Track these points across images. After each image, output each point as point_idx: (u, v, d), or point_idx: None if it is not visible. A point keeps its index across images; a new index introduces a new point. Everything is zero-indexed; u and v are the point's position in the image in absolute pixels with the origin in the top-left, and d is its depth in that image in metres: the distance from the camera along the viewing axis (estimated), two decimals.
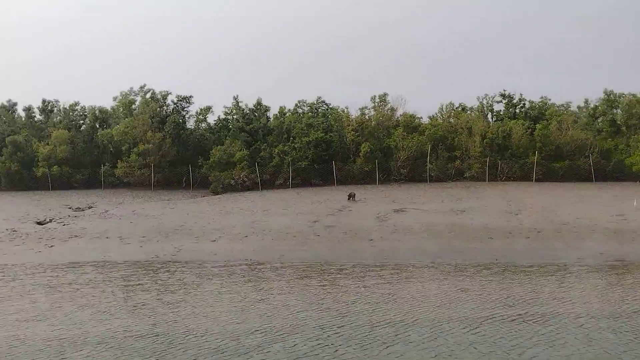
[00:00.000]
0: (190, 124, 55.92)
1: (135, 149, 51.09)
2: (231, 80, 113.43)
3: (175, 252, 21.16)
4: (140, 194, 45.94)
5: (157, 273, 17.70)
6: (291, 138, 50.89)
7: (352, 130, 50.51)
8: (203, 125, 56.05)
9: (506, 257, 19.08)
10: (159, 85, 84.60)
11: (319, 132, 49.74)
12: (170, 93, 56.07)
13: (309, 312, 12.80)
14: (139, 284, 16.17)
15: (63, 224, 28.13)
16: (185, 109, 56.45)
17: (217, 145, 51.12)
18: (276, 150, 49.45)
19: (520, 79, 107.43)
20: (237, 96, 57.91)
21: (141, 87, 56.31)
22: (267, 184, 48.76)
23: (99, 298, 14.38)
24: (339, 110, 56.14)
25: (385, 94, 56.53)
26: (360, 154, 49.05)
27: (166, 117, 54.69)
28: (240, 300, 14.06)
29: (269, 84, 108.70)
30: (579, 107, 58.43)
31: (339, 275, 16.84)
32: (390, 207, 32.34)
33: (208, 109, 55.47)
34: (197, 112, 55.94)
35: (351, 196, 36.42)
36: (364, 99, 79.43)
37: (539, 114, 54.44)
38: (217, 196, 43.28)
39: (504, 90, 57.79)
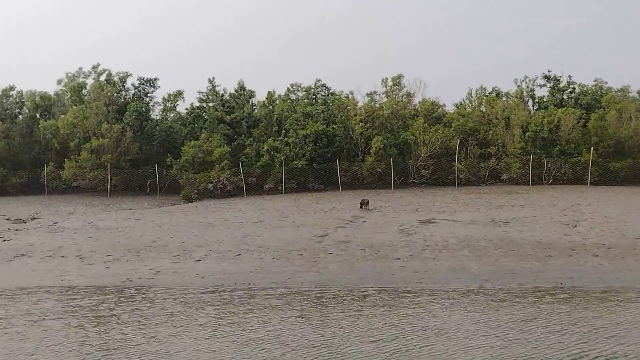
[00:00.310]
0: (156, 113, 55.64)
1: (86, 145, 50.89)
2: (206, 63, 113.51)
3: (152, 275, 20.93)
4: (95, 202, 45.71)
5: (133, 301, 17.38)
6: (283, 131, 50.54)
7: (361, 121, 50.07)
8: (172, 115, 55.48)
9: (572, 280, 18.90)
10: (115, 67, 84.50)
11: (318, 124, 49.36)
12: (131, 75, 55.74)
13: (331, 350, 12.55)
14: (112, 315, 15.85)
15: (2, 239, 27.76)
16: (149, 94, 56.26)
17: (191, 140, 50.76)
18: (265, 147, 49.18)
19: (565, 58, 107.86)
20: (214, 78, 57.49)
21: (93, 67, 56.35)
22: (254, 189, 48.70)
23: (65, 334, 14.03)
24: (342, 97, 55.67)
25: (399, 76, 56.61)
26: (371, 151, 48.81)
27: (126, 105, 54.30)
28: (243, 334, 13.79)
29: (252, 68, 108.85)
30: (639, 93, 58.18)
31: (364, 303, 16.57)
32: (414, 217, 32.24)
33: (179, 95, 55.38)
34: (164, 99, 55.50)
35: (364, 204, 36.34)
36: (369, 87, 79.36)
37: (592, 101, 54.38)
38: (192, 204, 43.07)
39: (549, 72, 57.68)
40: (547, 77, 59.65)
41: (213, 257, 23.29)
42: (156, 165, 50.74)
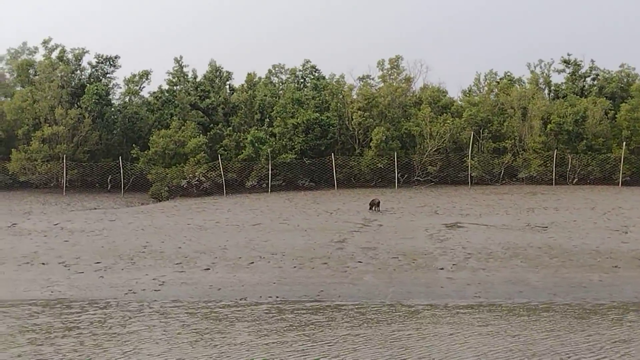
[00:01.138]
0: (116, 97, 54.72)
1: (37, 133, 49.79)
2: (175, 41, 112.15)
3: (158, 286, 20.50)
4: (50, 200, 45.00)
5: (144, 316, 16.96)
6: (267, 119, 50.00)
7: (359, 108, 49.77)
8: (135, 99, 54.58)
9: None
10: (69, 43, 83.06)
11: (309, 111, 48.89)
12: (88, 52, 54.83)
13: None
14: (130, 332, 15.40)
15: None
16: (108, 74, 55.27)
17: (160, 129, 50.00)
18: (248, 137, 48.58)
19: (584, 42, 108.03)
20: (181, 58, 56.87)
21: (44, 43, 55.01)
22: (234, 186, 48.25)
23: (87, 355, 13.59)
24: (333, 81, 55.35)
25: (398, 57, 56.46)
26: (372, 144, 48.48)
27: (81, 87, 53.46)
28: (300, 356, 13.50)
29: (227, 47, 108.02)
30: None
31: (422, 320, 16.34)
32: (436, 220, 32.20)
33: (144, 75, 54.50)
34: (127, 80, 54.65)
35: (374, 205, 36.16)
36: (364, 70, 79.03)
37: (617, 90, 54.26)
38: (170, 203, 42.59)
39: (568, 55, 57.78)
40: (566, 62, 59.80)
41: (222, 266, 22.88)
42: (120, 158, 49.74)
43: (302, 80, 57.00)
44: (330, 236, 28.05)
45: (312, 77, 57.48)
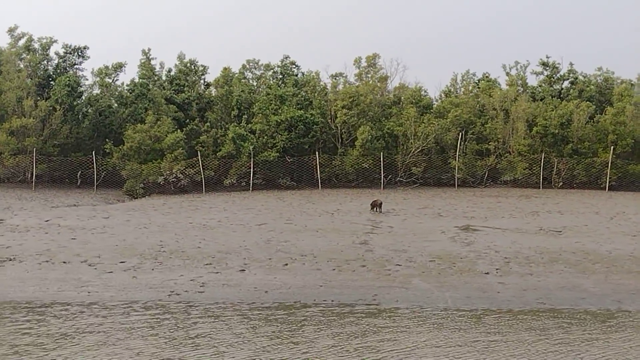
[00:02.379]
0: (84, 89, 53.33)
1: (5, 125, 48.23)
2: (145, 38, 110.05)
3: (199, 287, 19.83)
4: (24, 195, 43.76)
5: (204, 318, 16.47)
6: (244, 115, 49.24)
7: (343, 107, 49.35)
8: (108, 92, 53.38)
9: None
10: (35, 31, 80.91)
11: (293, 109, 48.34)
12: (56, 41, 53.42)
13: None
14: (204, 335, 14.84)
15: None
16: (76, 66, 53.93)
17: (134, 124, 48.93)
18: (230, 134, 47.80)
19: (561, 44, 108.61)
20: (149, 50, 55.91)
21: (9, 30, 53.42)
22: (212, 184, 47.57)
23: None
24: (313, 75, 54.96)
25: (375, 55, 56.14)
26: (357, 143, 48.09)
27: (47, 78, 52.10)
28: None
29: (195, 38, 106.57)
30: None
31: (492, 327, 16.04)
32: (445, 223, 32.12)
33: (119, 67, 53.26)
34: (99, 72, 53.38)
35: (376, 205, 35.83)
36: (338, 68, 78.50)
37: (597, 94, 54.63)
38: (158, 201, 41.74)
39: (547, 57, 58.17)
40: (544, 64, 60.07)
41: (256, 267, 22.37)
42: (93, 153, 48.51)
43: (280, 77, 55.92)
44: (347, 238, 27.54)
45: (292, 73, 56.43)
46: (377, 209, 35.32)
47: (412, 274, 21.58)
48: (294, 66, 57.25)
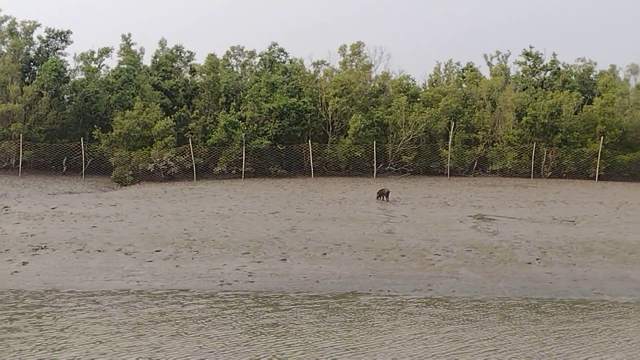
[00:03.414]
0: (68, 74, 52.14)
1: None
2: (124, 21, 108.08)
3: (247, 277, 19.42)
4: (13, 181, 42.90)
5: (277, 308, 16.13)
6: (232, 103, 48.60)
7: (335, 95, 48.98)
8: (91, 78, 52.41)
9: None
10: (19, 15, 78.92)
11: (285, 96, 47.83)
12: (40, 25, 52.35)
13: None
14: (289, 324, 14.49)
15: None
16: (59, 50, 52.86)
17: (122, 110, 48.07)
18: (221, 122, 47.20)
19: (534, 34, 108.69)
20: (129, 35, 55.11)
21: None
22: (202, 172, 47.17)
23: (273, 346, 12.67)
24: (298, 62, 54.53)
25: (360, 43, 55.93)
26: (349, 131, 47.79)
27: (31, 63, 51.04)
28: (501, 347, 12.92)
29: (174, 23, 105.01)
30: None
31: (560, 317, 15.96)
32: (457, 212, 32.05)
33: (105, 52, 52.36)
34: (82, 56, 52.43)
35: (383, 194, 35.60)
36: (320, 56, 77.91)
37: (579, 84, 54.77)
38: (157, 188, 40.96)
39: (530, 48, 58.29)
40: (527, 54, 60.22)
41: (296, 257, 22.03)
42: (82, 139, 47.59)
43: (269, 64, 55.31)
44: (369, 227, 27.29)
45: (280, 61, 55.89)
46: (384, 198, 35.09)
47: (456, 264, 21.26)
48: (282, 53, 56.40)
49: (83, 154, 47.31)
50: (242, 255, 21.71)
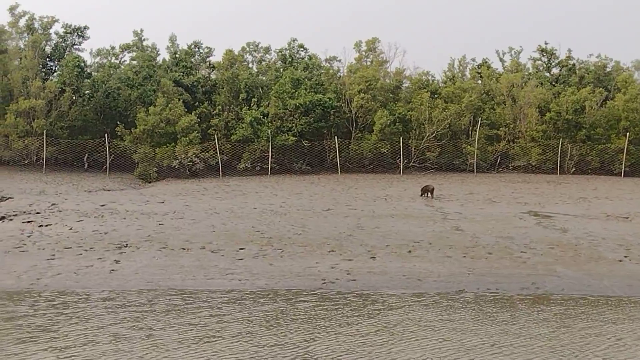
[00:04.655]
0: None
1: (12, 107, 46.38)
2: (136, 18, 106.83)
3: (346, 275, 19.03)
4: (41, 178, 42.21)
5: (393, 306, 15.79)
6: (253, 99, 48.07)
7: (360, 91, 48.59)
8: (113, 74, 51.78)
9: None
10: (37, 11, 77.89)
11: (312, 93, 47.37)
12: (57, 20, 51.63)
13: None
14: (442, 322, 14.12)
15: (41, 224, 24.95)
16: (76, 46, 52.19)
17: (144, 106, 47.46)
18: (246, 118, 46.68)
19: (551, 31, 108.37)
20: (142, 31, 54.56)
21: (10, 9, 51.35)
22: (226, 168, 46.61)
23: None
24: (319, 58, 54.17)
25: (375, 39, 55.67)
26: (375, 128, 47.44)
27: (48, 58, 50.33)
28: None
29: (187, 20, 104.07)
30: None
31: None
32: (511, 209, 31.53)
33: (127, 48, 51.76)
34: (99, 52, 51.85)
35: (427, 191, 35.21)
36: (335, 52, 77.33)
37: (595, 80, 54.60)
38: (189, 186, 40.39)
39: (546, 44, 58.09)
40: (543, 51, 60.01)
41: (383, 254, 21.72)
42: (106, 136, 46.96)
43: (289, 60, 54.83)
44: (432, 224, 27.03)
45: (299, 55, 55.44)
46: (429, 195, 34.63)
47: (547, 262, 20.95)
48: (302, 49, 55.87)
49: (107, 150, 46.34)
50: (329, 254, 21.28)
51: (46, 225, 25.00)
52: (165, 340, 12.96)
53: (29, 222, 25.63)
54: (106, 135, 46.88)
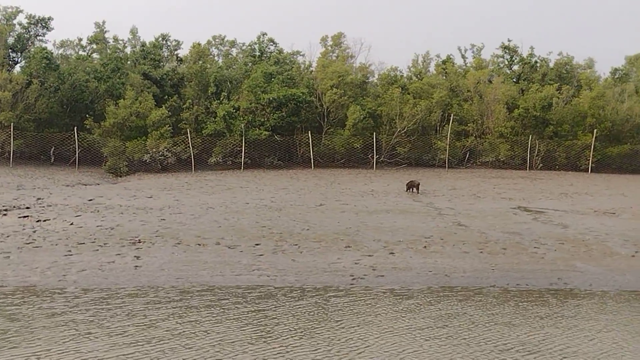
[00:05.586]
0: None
1: None
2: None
3: (372, 271, 18.91)
4: (12, 171, 41.23)
5: (430, 302, 15.67)
6: (222, 92, 47.57)
7: (332, 86, 48.41)
8: (79, 66, 50.73)
9: None
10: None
11: (285, 87, 47.02)
12: (22, 11, 50.43)
13: None
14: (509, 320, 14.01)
15: (45, 219, 24.25)
16: (39, 37, 51.09)
17: (112, 99, 46.65)
18: (219, 112, 46.18)
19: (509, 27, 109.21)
20: (103, 23, 53.71)
21: None
22: (197, 163, 45.89)
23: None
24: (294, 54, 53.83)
25: (341, 34, 55.58)
26: (348, 123, 47.30)
27: (13, 49, 49.20)
28: None
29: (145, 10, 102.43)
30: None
31: None
32: (499, 205, 31.68)
33: (95, 40, 50.63)
34: (66, 43, 50.80)
35: (413, 186, 35.20)
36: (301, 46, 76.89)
37: (557, 77, 55.26)
38: (175, 181, 39.75)
39: (509, 41, 58.55)
40: (506, 48, 60.48)
41: (400, 250, 21.51)
42: (75, 129, 46.03)
43: (259, 54, 54.37)
44: (431, 220, 26.91)
45: (269, 50, 55.03)
46: (415, 190, 34.61)
47: (565, 257, 21.02)
48: (272, 43, 55.45)
49: (76, 144, 45.42)
50: (346, 249, 21.03)
51: (44, 221, 24.11)
52: (225, 336, 12.70)
53: (25, 217, 24.59)
54: (75, 128, 45.57)
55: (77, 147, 45.81)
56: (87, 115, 46.73)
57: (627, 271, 19.52)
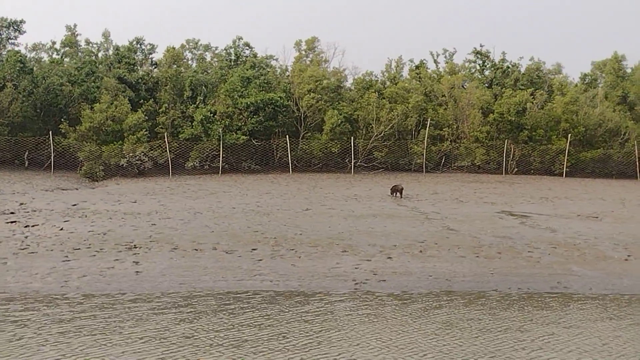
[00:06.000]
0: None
1: None
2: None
3: (373, 276, 18.93)
4: None
5: (439, 306, 15.68)
6: (198, 96, 47.41)
7: (309, 90, 48.40)
8: (53, 69, 50.24)
9: None
10: None
11: (262, 92, 46.96)
12: None
13: None
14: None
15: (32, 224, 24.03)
16: (11, 40, 50.57)
17: (86, 103, 46.28)
18: (197, 116, 45.99)
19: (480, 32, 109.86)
20: (75, 26, 53.32)
21: None
22: (175, 167, 45.71)
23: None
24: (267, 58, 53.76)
25: (315, 39, 55.70)
26: (325, 127, 47.34)
27: None
28: None
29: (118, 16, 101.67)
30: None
31: None
32: (483, 209, 31.78)
33: (69, 43, 50.19)
34: (38, 46, 50.32)
35: (397, 191, 35.28)
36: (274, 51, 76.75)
37: (529, 82, 55.73)
38: (151, 185, 39.47)
39: (481, 46, 59.01)
40: (478, 53, 60.86)
41: (397, 254, 21.48)
42: (50, 133, 45.59)
43: (234, 58, 54.20)
44: (420, 224, 26.95)
45: (245, 53, 54.87)
46: (398, 194, 34.69)
47: (560, 261, 21.17)
48: (247, 47, 55.30)
49: (52, 148, 44.97)
50: (344, 254, 21.03)
51: (33, 226, 23.83)
52: (242, 339, 12.72)
53: (12, 222, 24.22)
54: (50, 133, 45.08)
55: (52, 151, 44.86)
56: (61, 119, 45.92)
57: (624, 275, 19.67)
